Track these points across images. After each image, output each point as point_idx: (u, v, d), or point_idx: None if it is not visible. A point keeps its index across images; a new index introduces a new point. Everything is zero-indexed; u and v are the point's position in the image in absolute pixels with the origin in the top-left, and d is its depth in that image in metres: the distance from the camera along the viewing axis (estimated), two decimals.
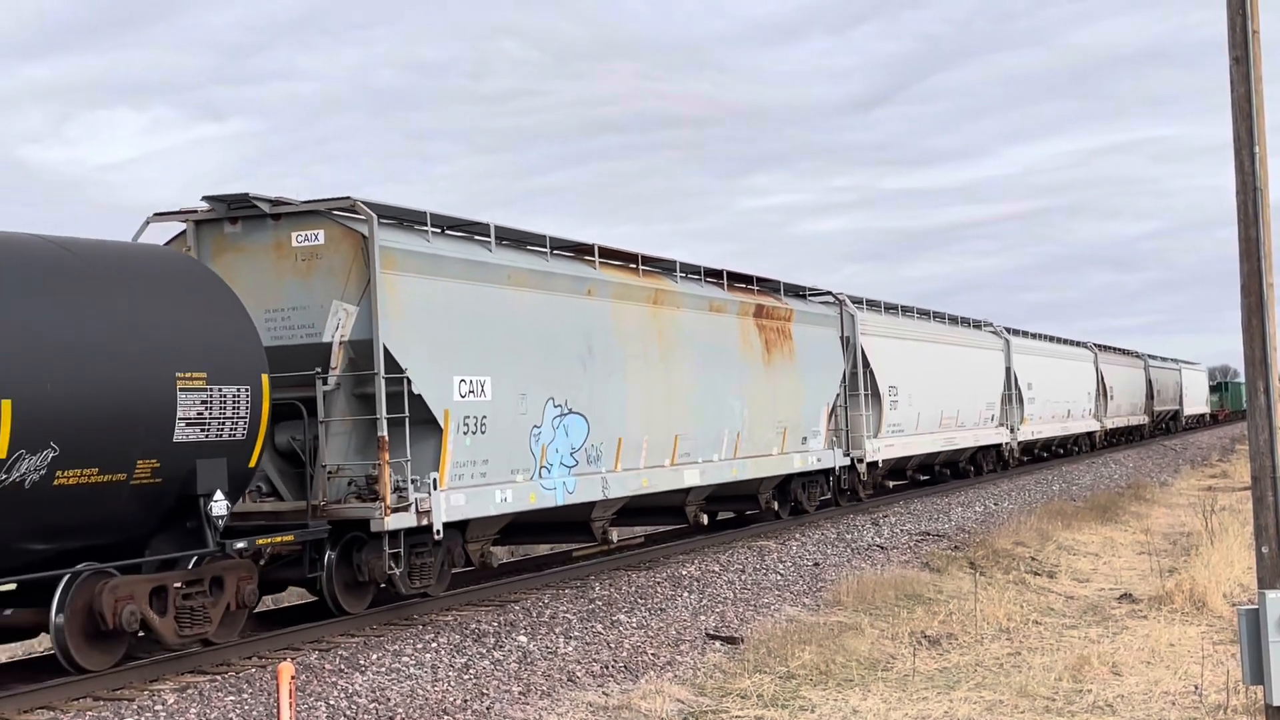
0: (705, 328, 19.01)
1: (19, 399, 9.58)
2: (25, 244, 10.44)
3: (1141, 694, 11.07)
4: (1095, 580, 18.80)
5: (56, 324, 10.08)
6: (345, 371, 12.91)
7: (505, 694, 10.92)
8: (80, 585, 10.32)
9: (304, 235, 13.07)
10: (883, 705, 10.82)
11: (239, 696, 10.21)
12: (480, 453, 13.94)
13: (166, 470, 10.78)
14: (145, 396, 10.59)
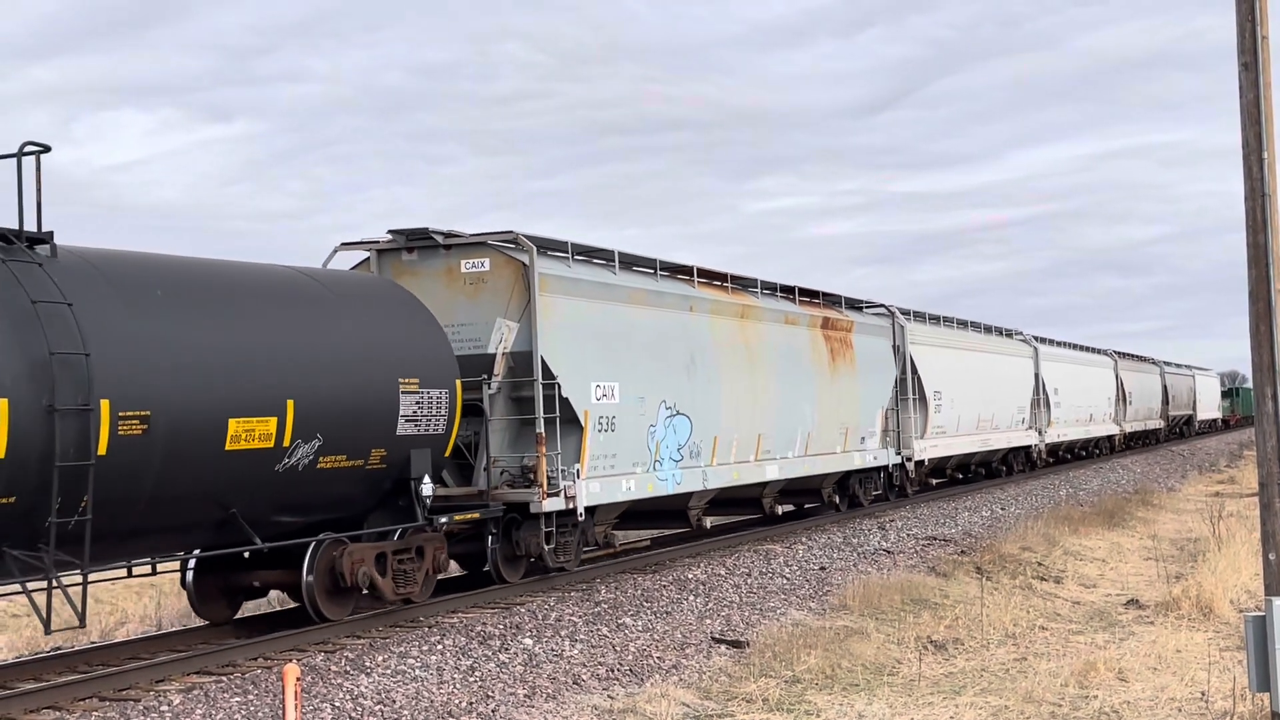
0: (782, 338, 21.26)
1: (299, 400, 11.90)
2: (290, 276, 12.90)
3: (1148, 700, 11.05)
4: (1102, 586, 18.77)
5: (319, 340, 12.43)
6: (506, 378, 15.12)
7: (510, 697, 10.92)
8: (324, 550, 12.58)
9: (472, 263, 15.42)
10: (888, 710, 10.80)
11: (244, 698, 10.21)
12: (610, 448, 16.18)
13: (390, 458, 13.10)
14: (378, 398, 12.92)
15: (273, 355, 11.80)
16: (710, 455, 18.59)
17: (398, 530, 13.32)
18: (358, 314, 13.11)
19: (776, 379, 20.65)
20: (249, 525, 11.74)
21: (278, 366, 11.79)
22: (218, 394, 11.15)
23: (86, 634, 15.83)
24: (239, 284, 12.08)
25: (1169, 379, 61.82)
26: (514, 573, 15.27)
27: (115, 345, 10.36)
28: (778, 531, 21.29)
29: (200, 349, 11.10)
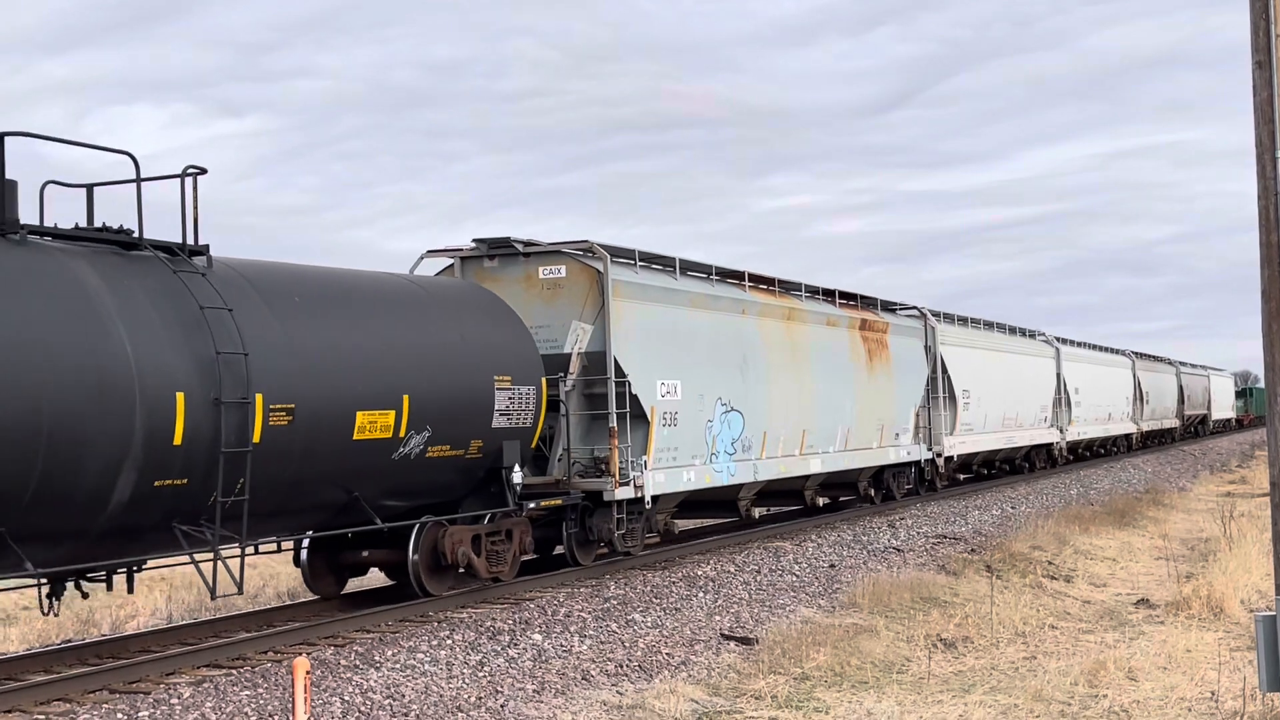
0: (824, 339, 22.59)
1: (413, 395, 13.11)
2: (400, 283, 14.35)
3: (1158, 700, 11.02)
4: (1112, 585, 18.74)
5: (428, 341, 13.68)
6: (580, 376, 16.36)
7: (520, 692, 10.93)
8: (427, 532, 13.82)
9: (549, 270, 16.63)
10: (897, 708, 10.79)
11: (254, 691, 10.24)
12: (673, 441, 17.40)
13: (486, 448, 14.34)
14: (477, 393, 14.14)
15: (391, 354, 13.08)
16: (760, 449, 19.89)
17: (488, 515, 14.55)
18: (458, 317, 14.43)
19: (819, 377, 21.94)
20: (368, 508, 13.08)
21: (395, 365, 13.07)
22: (347, 389, 12.41)
23: (97, 627, 15.88)
24: (359, 291, 13.42)
25: (1185, 379, 62.98)
26: (586, 556, 16.49)
27: (266, 346, 11.58)
28: (787, 529, 21.36)
29: (332, 349, 12.39)
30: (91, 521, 10.29)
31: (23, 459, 9.54)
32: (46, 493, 9.76)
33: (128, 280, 10.83)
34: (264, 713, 9.67)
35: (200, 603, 17.04)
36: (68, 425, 9.81)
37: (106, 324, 10.33)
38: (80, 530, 10.28)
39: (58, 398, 9.76)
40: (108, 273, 10.72)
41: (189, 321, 11.00)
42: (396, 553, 13.87)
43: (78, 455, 9.93)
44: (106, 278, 10.66)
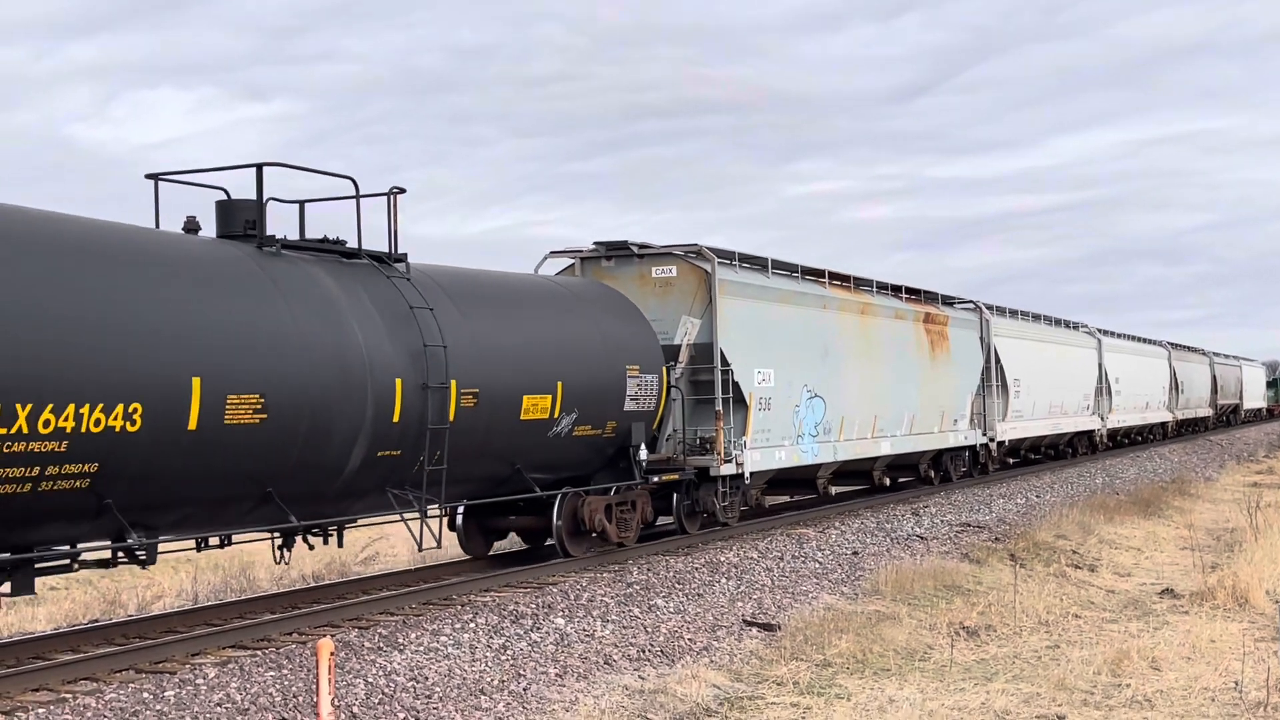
0: (893, 331, 24.37)
1: (565, 381, 15.13)
2: (549, 284, 16.41)
3: (1181, 689, 10.99)
4: (1137, 575, 18.67)
5: (574, 334, 15.71)
6: (687, 365, 18.15)
7: (542, 675, 10.97)
8: (568, 501, 15.70)
9: (661, 269, 18.46)
10: (919, 695, 10.79)
11: (279, 672, 10.30)
12: (767, 424, 19.25)
13: (618, 428, 16.26)
14: (613, 381, 16.08)
15: (547, 347, 15.10)
16: (839, 432, 21.81)
17: (614, 487, 16.39)
18: (596, 315, 16.40)
19: (889, 367, 23.76)
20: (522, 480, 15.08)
21: (551, 356, 15.06)
22: (516, 377, 14.39)
23: (124, 607, 15.99)
24: (521, 292, 15.57)
25: (1218, 369, 64.20)
26: (693, 525, 18.34)
27: (458, 340, 13.53)
28: (810, 516, 21.42)
29: (504, 342, 14.40)
30: (330, 485, 12.26)
31: (292, 434, 11.49)
32: (304, 461, 11.76)
33: (353, 284, 12.78)
34: (288, 693, 9.73)
35: (226, 584, 17.15)
36: (322, 406, 11.77)
37: (345, 322, 12.28)
38: (321, 492, 12.24)
39: (314, 384, 11.68)
40: (339, 278, 12.69)
41: (401, 319, 12.97)
42: (536, 519, 15.89)
43: (328, 431, 11.91)
44: (339, 282, 12.62)
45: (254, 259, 11.87)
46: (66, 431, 9.46)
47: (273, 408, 11.19)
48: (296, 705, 9.47)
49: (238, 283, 11.40)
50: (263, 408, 11.12)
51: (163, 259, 10.92)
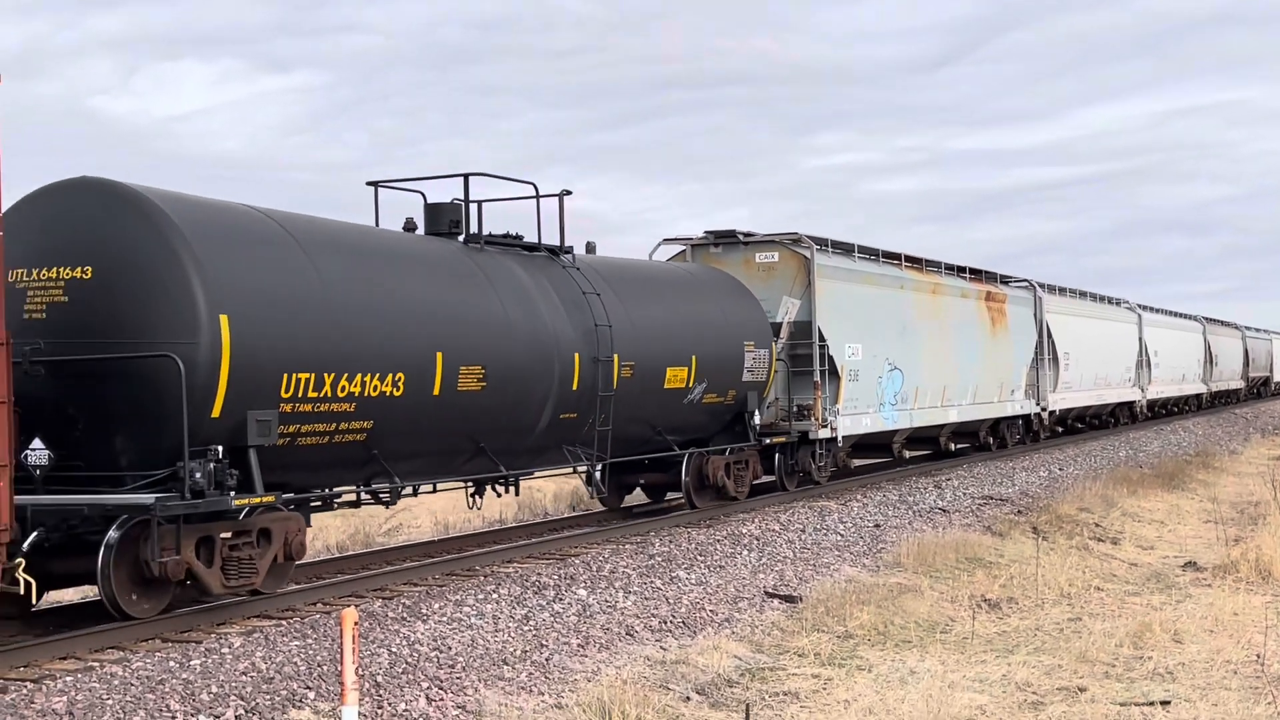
0: (959, 309, 26.52)
1: (699, 355, 17.48)
2: (680, 271, 19.11)
3: (1203, 662, 10.97)
4: (1160, 548, 18.65)
5: (703, 314, 18.03)
6: (787, 340, 20.26)
7: (564, 646, 11.02)
8: (694, 460, 17.87)
9: (764, 255, 20.79)
10: (940, 667, 10.78)
11: (303, 641, 10.38)
12: (855, 393, 21.40)
13: (737, 396, 18.57)
14: (733, 354, 18.34)
15: (684, 325, 17.50)
16: (913, 401, 23.86)
17: (729, 448, 18.57)
18: (719, 297, 18.76)
19: (956, 341, 25.87)
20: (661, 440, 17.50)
21: (687, 333, 17.43)
22: (661, 351, 16.82)
23: None
24: (660, 278, 18.17)
25: (1250, 342, 65.65)
26: (791, 483, 20.54)
27: (618, 320, 15.96)
28: (833, 489, 21.43)
29: (652, 321, 16.85)
30: (523, 441, 14.72)
31: (502, 399, 13.93)
32: (508, 421, 14.23)
33: (538, 274, 15.21)
34: (313, 663, 9.81)
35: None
36: (522, 376, 14.23)
37: (536, 306, 14.73)
38: (516, 448, 14.65)
39: (519, 358, 14.16)
40: (527, 268, 15.13)
41: (575, 303, 15.40)
42: (663, 475, 18.16)
43: (526, 396, 14.38)
44: (528, 272, 15.06)
45: (466, 254, 14.42)
46: (355, 395, 11.99)
47: (491, 377, 13.69)
48: (321, 674, 9.55)
49: (460, 274, 13.95)
50: (484, 377, 13.62)
51: (409, 255, 13.54)
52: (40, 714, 8.32)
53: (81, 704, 8.52)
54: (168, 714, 8.46)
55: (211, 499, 10.47)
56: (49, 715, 8.30)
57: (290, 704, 8.87)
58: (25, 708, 8.41)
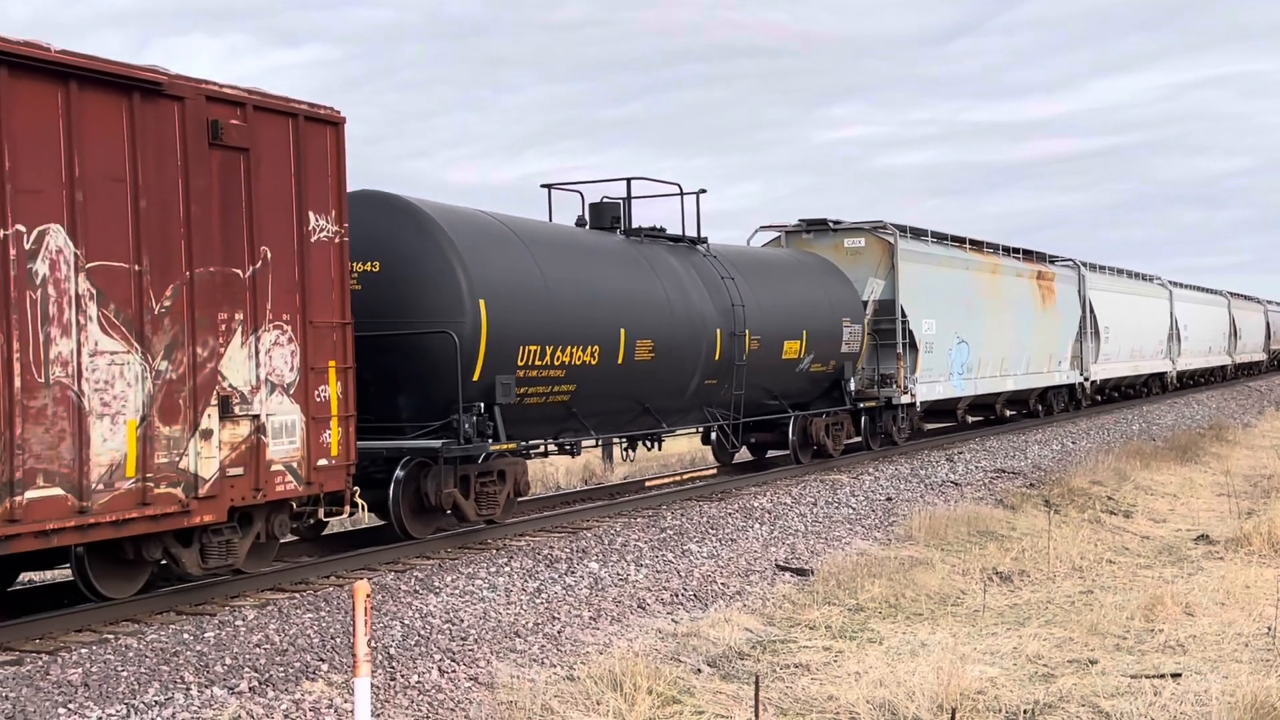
0: (1014, 287, 29.17)
1: (808, 330, 20.20)
2: (789, 256, 21.90)
3: (1214, 635, 10.99)
4: (1172, 521, 18.66)
5: (809, 294, 20.69)
6: (872, 316, 22.87)
7: (576, 619, 11.07)
8: (799, 421, 20.76)
9: (852, 241, 23.59)
10: (951, 639, 10.81)
11: (316, 614, 10.43)
12: (930, 364, 24.01)
13: (835, 365, 21.29)
14: (834, 329, 21.07)
15: (796, 303, 20.14)
16: (977, 370, 26.47)
17: (827, 411, 21.34)
18: (822, 278, 21.48)
19: (1012, 317, 28.56)
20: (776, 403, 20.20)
21: (798, 310, 20.10)
22: (779, 326, 19.45)
23: None
24: (774, 263, 20.75)
25: (1271, 316, 67.73)
26: (875, 443, 23.06)
27: (748, 299, 18.66)
28: (845, 462, 21.45)
29: (774, 301, 19.52)
30: (675, 403, 17.44)
31: (665, 367, 16.70)
32: (668, 386, 17.00)
33: (685, 262, 17.89)
34: (326, 635, 9.86)
35: None
36: (680, 348, 16.99)
37: (687, 288, 17.46)
38: (669, 409, 17.36)
39: (677, 332, 16.92)
40: (676, 256, 17.82)
41: (715, 286, 18.13)
42: (770, 435, 20.93)
43: (681, 365, 17.12)
44: (677, 260, 17.77)
45: (630, 245, 17.13)
46: (565, 364, 14.86)
47: (658, 349, 16.49)
48: (334, 647, 9.60)
49: (630, 263, 16.70)
50: (653, 349, 16.42)
51: (594, 248, 16.38)
52: (56, 685, 8.38)
53: (97, 675, 8.58)
54: (182, 685, 8.52)
55: (477, 445, 13.37)
56: (64, 687, 8.36)
57: (304, 676, 8.92)
58: (41, 679, 8.47)
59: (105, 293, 9.58)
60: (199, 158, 10.31)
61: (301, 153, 11.22)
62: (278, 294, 10.98)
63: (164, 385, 9.97)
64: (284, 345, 11.04)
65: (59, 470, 9.23)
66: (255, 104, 10.83)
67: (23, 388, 8.98)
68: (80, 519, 9.34)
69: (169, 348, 10.03)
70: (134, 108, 9.85)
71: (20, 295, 9.02)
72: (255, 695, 8.46)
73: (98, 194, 9.57)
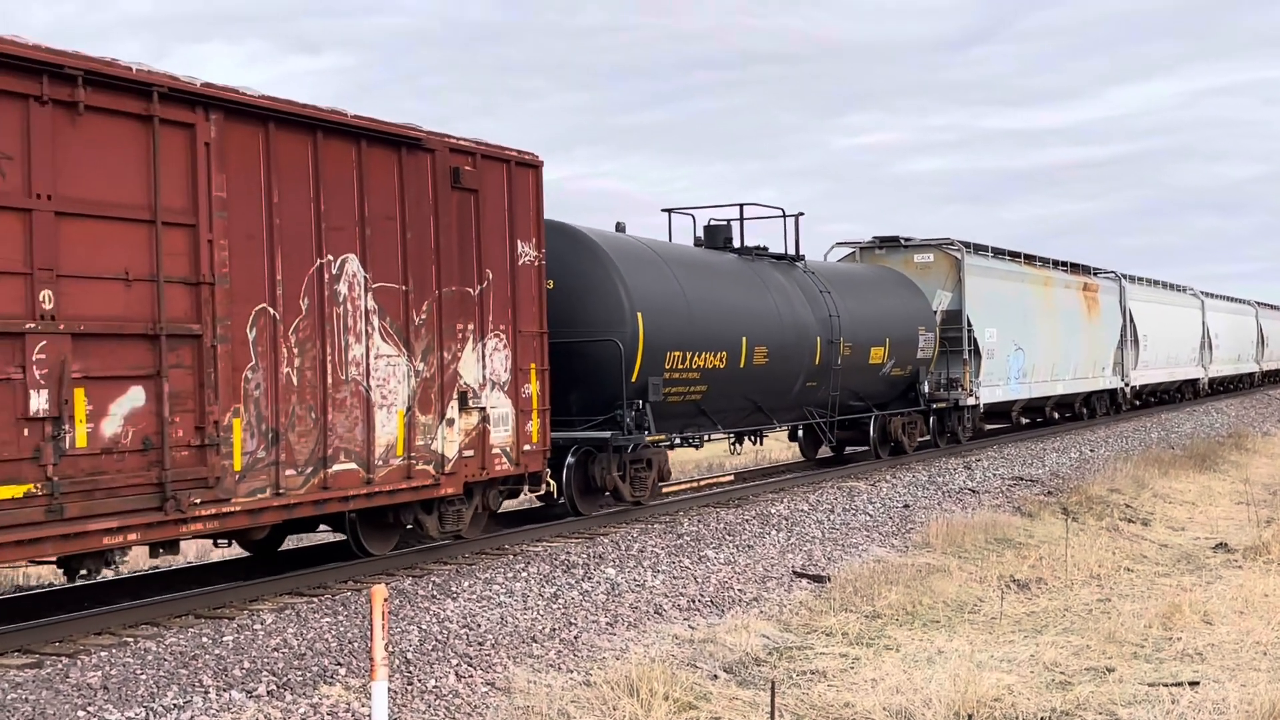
0: (1064, 298, 31.65)
1: (890, 338, 22.59)
2: (872, 271, 24.37)
3: (1232, 643, 10.95)
4: (1190, 529, 18.59)
5: (890, 307, 23.05)
6: (940, 325, 24.87)
7: (593, 624, 11.08)
8: (879, 420, 23.01)
9: (921, 256, 26.08)
10: (968, 647, 10.79)
11: (334, 618, 10.47)
12: (991, 369, 26.35)
13: (911, 370, 23.65)
14: (911, 337, 23.38)
15: (881, 314, 22.53)
16: (1031, 376, 28.81)
17: (901, 412, 23.58)
18: (899, 291, 23.85)
19: (1062, 326, 30.91)
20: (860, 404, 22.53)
21: (881, 320, 22.41)
22: (867, 334, 21.75)
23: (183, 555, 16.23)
24: (859, 277, 23.20)
25: None
26: (942, 440, 25.39)
27: (842, 311, 21.03)
28: (862, 469, 21.42)
29: (863, 312, 21.80)
30: (782, 402, 19.91)
31: (776, 371, 19.15)
32: (776, 387, 19.37)
33: (788, 278, 20.34)
34: (344, 639, 9.89)
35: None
36: (788, 353, 19.36)
37: (792, 301, 19.80)
38: (777, 407, 19.84)
39: (785, 340, 19.27)
40: (780, 273, 20.25)
41: (813, 298, 20.54)
42: (851, 433, 23.05)
43: (790, 369, 19.52)
44: (782, 275, 20.20)
45: (744, 263, 19.64)
46: (700, 367, 17.24)
47: (772, 354, 18.84)
48: (351, 651, 9.63)
49: (745, 278, 19.12)
50: (768, 354, 18.76)
51: (715, 266, 18.84)
52: (75, 688, 8.42)
53: (116, 678, 8.62)
54: (200, 688, 8.56)
55: (635, 436, 15.77)
56: (84, 690, 8.41)
57: (321, 680, 8.96)
58: (60, 682, 8.52)
59: (384, 308, 12.02)
60: (445, 198, 12.75)
61: (512, 191, 13.72)
62: (497, 308, 13.49)
63: (421, 382, 12.43)
64: (501, 350, 13.58)
65: (354, 449, 11.64)
66: (482, 153, 13.29)
67: (332, 383, 11.39)
68: (367, 488, 11.76)
69: (424, 352, 12.49)
70: (402, 159, 12.25)
71: (329, 310, 11.42)
72: (273, 699, 8.50)
73: (378, 229, 11.98)
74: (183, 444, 9.99)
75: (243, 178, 10.61)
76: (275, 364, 10.84)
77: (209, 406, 10.17)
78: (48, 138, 9.18)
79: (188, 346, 10.07)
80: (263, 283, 10.77)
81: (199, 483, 10.10)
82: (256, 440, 10.64)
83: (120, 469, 9.53)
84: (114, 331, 9.50)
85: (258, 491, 10.64)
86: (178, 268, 10.03)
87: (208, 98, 10.25)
